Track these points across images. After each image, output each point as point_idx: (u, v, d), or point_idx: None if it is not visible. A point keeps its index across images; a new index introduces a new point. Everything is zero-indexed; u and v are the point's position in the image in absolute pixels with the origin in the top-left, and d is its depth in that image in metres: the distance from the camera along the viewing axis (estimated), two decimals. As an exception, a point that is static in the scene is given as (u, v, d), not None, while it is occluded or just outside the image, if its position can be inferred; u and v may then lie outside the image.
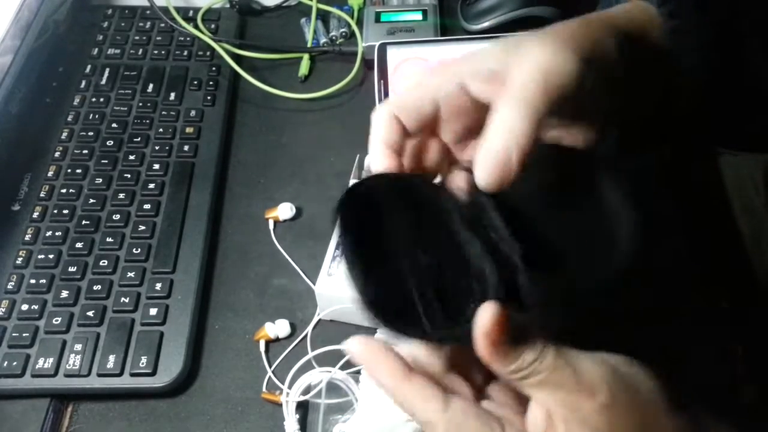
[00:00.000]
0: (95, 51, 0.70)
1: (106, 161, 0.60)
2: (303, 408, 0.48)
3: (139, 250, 0.54)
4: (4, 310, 0.51)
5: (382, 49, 0.65)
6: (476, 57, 0.34)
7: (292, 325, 0.52)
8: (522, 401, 0.31)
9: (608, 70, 0.34)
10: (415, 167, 0.35)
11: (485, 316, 0.28)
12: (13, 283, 0.52)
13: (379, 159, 0.33)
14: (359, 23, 0.72)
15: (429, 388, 0.30)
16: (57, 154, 0.61)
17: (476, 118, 0.34)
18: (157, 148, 0.61)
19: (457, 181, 0.34)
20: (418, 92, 0.34)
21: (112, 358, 0.49)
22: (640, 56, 0.36)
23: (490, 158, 0.30)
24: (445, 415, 0.29)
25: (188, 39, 0.70)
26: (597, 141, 0.37)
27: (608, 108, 0.36)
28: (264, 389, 0.49)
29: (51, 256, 0.54)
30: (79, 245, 0.54)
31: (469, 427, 0.29)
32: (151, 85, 0.66)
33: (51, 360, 0.48)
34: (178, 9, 0.70)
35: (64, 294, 0.52)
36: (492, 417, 0.30)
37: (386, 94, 0.64)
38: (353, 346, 0.31)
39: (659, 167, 0.58)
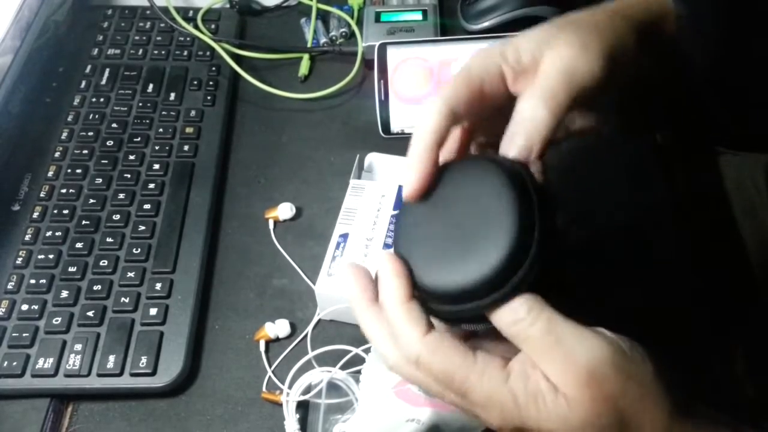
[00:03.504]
0: (95, 51, 0.70)
1: (106, 161, 0.60)
2: (303, 408, 0.48)
3: (139, 250, 0.54)
4: (4, 310, 0.51)
5: (382, 49, 0.65)
6: (514, 48, 0.35)
7: (292, 325, 0.52)
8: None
9: (627, 66, 0.35)
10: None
11: None
12: (13, 283, 0.52)
13: (422, 153, 0.33)
14: (359, 23, 0.72)
15: (419, 313, 0.31)
16: (57, 154, 0.61)
17: (504, 105, 0.35)
18: (157, 148, 0.61)
19: None
20: (468, 79, 0.34)
21: (112, 358, 0.49)
22: (655, 49, 0.37)
23: (515, 147, 0.33)
24: (424, 339, 0.31)
25: (188, 39, 0.70)
26: (600, 126, 0.39)
27: (618, 98, 0.38)
28: (264, 389, 0.49)
29: (51, 256, 0.54)
30: (79, 245, 0.54)
31: (443, 349, 0.31)
32: (151, 85, 0.66)
33: (51, 360, 0.48)
34: (178, 9, 0.70)
35: (64, 294, 0.52)
36: (468, 349, 0.31)
37: (386, 94, 0.64)
38: (387, 257, 0.33)
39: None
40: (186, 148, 0.62)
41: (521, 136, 0.33)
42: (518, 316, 0.30)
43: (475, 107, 0.34)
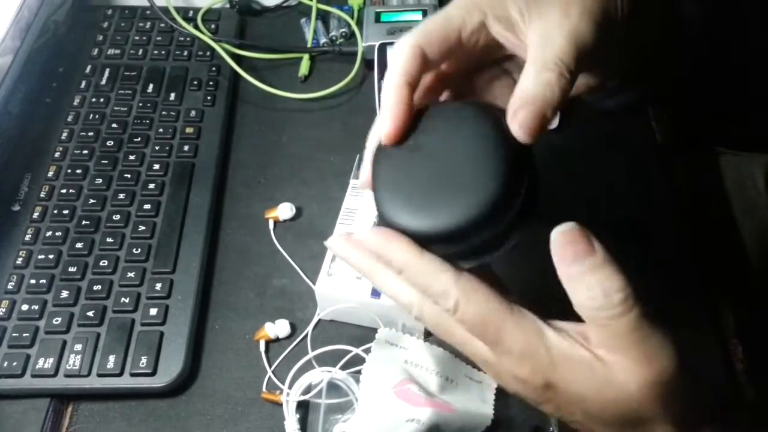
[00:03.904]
0: (95, 51, 0.70)
1: (106, 161, 0.60)
2: (303, 408, 0.48)
3: (139, 250, 0.54)
4: (4, 310, 0.51)
5: (382, 49, 0.65)
6: (500, 1, 0.34)
7: (292, 325, 0.52)
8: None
9: (612, 30, 0.35)
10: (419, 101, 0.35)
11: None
12: (13, 283, 0.52)
13: (395, 94, 0.33)
14: (359, 23, 0.72)
15: (441, 262, 0.31)
16: (57, 154, 0.61)
17: (479, 57, 0.35)
18: (157, 148, 0.61)
19: None
20: (444, 22, 0.34)
21: (112, 358, 0.49)
22: (639, 8, 0.37)
23: (532, 112, 0.31)
24: (459, 283, 0.30)
25: (188, 39, 0.70)
26: (598, 88, 0.39)
27: (609, 61, 0.37)
28: (264, 389, 0.49)
29: (51, 256, 0.54)
30: (79, 245, 0.54)
31: (479, 294, 0.30)
32: (151, 85, 0.66)
33: (51, 360, 0.48)
34: (178, 9, 0.70)
35: (64, 294, 0.52)
36: (504, 296, 0.30)
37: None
38: (367, 234, 0.32)
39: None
40: (186, 148, 0.62)
41: (539, 103, 0.31)
42: (609, 302, 0.28)
43: (451, 51, 0.34)
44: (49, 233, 0.55)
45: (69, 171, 0.59)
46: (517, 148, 0.31)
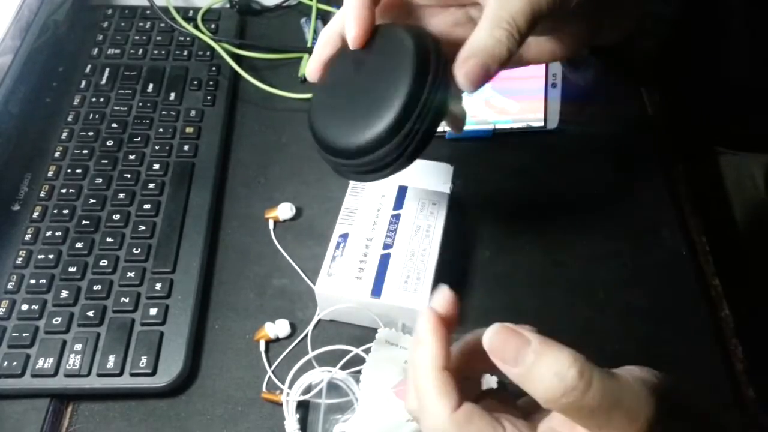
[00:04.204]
0: (95, 51, 0.70)
1: (106, 161, 0.60)
2: (303, 408, 0.48)
3: (139, 250, 0.54)
4: (4, 310, 0.51)
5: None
6: None
7: (292, 325, 0.52)
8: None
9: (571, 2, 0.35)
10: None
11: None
12: (13, 283, 0.52)
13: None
14: (359, 23, 0.72)
15: (452, 387, 0.29)
16: (57, 154, 0.61)
17: None
18: (157, 148, 0.61)
19: None
20: None
21: (112, 358, 0.49)
22: None
23: (478, 65, 0.34)
24: (453, 415, 0.29)
25: (188, 39, 0.70)
26: (563, 57, 0.40)
27: (574, 31, 0.38)
28: (264, 389, 0.49)
29: (51, 256, 0.54)
30: (79, 245, 0.54)
31: (473, 429, 0.29)
32: (151, 85, 0.66)
33: (51, 360, 0.48)
34: (178, 9, 0.70)
35: (64, 294, 0.52)
36: (497, 422, 0.29)
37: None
38: (426, 311, 0.31)
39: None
40: (186, 148, 0.62)
41: (483, 59, 0.33)
42: (568, 383, 0.26)
43: None
44: (49, 233, 0.55)
45: (69, 171, 0.59)
46: (425, 74, 0.35)
